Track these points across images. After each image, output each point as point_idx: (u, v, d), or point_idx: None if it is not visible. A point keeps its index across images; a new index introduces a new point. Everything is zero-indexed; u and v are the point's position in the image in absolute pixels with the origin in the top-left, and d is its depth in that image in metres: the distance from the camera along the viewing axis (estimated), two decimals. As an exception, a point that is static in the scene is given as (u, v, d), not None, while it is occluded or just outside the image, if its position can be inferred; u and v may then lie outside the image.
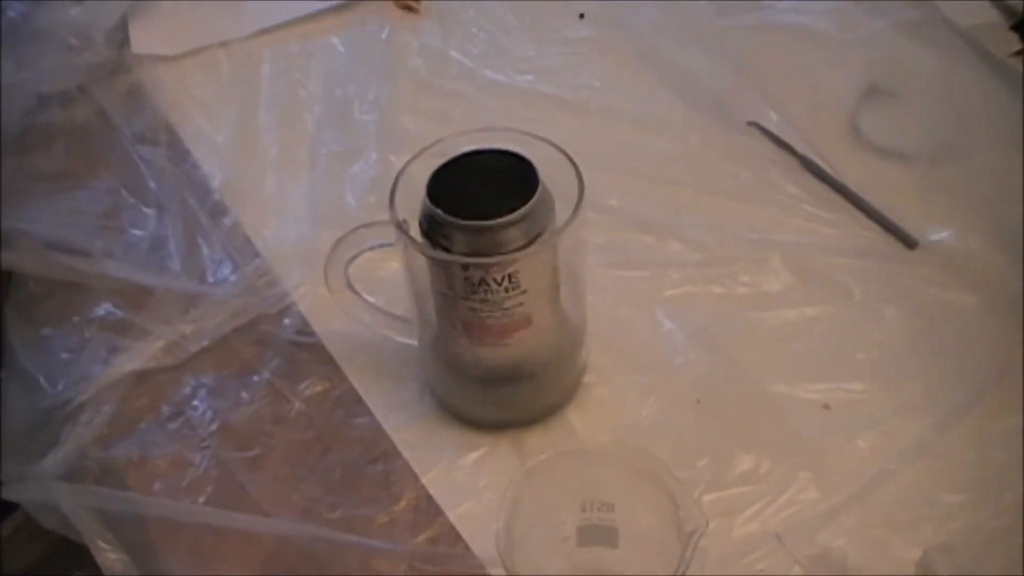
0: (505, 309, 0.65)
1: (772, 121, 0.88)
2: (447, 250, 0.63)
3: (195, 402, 0.75)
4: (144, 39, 0.99)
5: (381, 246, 0.67)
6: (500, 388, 0.71)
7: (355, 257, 0.69)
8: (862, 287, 0.78)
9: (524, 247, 0.62)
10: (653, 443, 0.69)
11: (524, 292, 0.64)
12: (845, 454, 0.69)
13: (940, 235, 0.80)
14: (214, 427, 0.74)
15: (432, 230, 0.63)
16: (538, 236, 0.63)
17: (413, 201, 0.65)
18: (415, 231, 0.65)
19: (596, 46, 0.96)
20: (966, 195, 0.82)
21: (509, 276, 0.63)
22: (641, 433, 0.71)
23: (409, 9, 1.00)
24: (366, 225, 0.68)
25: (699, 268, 0.79)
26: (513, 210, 0.62)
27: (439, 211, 0.62)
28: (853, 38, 0.92)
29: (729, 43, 0.93)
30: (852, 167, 0.85)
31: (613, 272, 0.79)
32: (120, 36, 0.99)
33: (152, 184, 0.88)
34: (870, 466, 0.68)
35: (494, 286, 0.63)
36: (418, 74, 0.95)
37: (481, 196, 0.63)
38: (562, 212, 0.64)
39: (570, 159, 0.64)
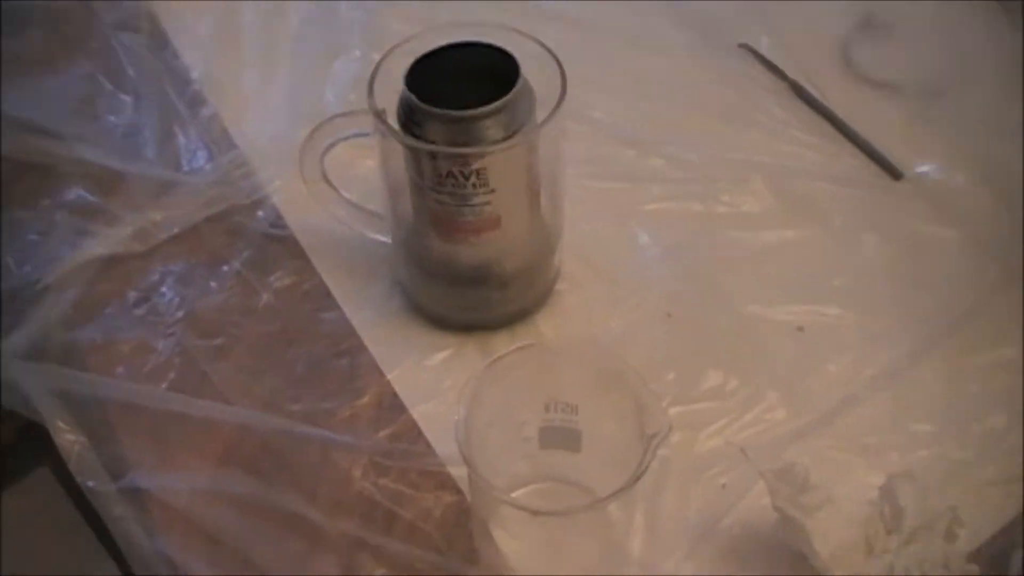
0: (472, 206, 0.64)
1: (764, 45, 0.87)
2: (419, 138, 0.62)
3: (162, 289, 0.74)
4: (129, -75, 0.96)
5: (357, 135, 0.66)
6: (469, 289, 0.70)
7: (331, 146, 0.68)
8: (843, 214, 0.77)
9: (494, 143, 0.61)
10: (621, 353, 0.67)
11: (492, 191, 0.63)
12: (815, 377, 0.69)
13: (926, 168, 0.80)
14: (180, 315, 0.73)
15: (408, 119, 0.62)
16: (515, 131, 0.61)
17: (392, 95, 0.64)
18: (393, 122, 0.63)
19: (592, -40, 0.95)
20: (955, 130, 0.81)
21: (477, 172, 0.62)
22: (610, 343, 0.70)
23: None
24: (343, 114, 0.67)
25: (679, 184, 0.78)
26: (488, 103, 0.60)
27: (414, 97, 0.61)
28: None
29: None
30: (842, 95, 0.84)
31: (592, 183, 0.78)
32: (104, -80, 0.97)
33: (130, 71, 0.86)
34: (839, 390, 0.68)
35: (461, 179, 0.62)
36: (406, -24, 0.93)
37: (460, 88, 0.62)
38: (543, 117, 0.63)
39: (553, 56, 0.64)
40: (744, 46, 0.87)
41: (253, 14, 0.90)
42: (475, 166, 0.61)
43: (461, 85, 0.62)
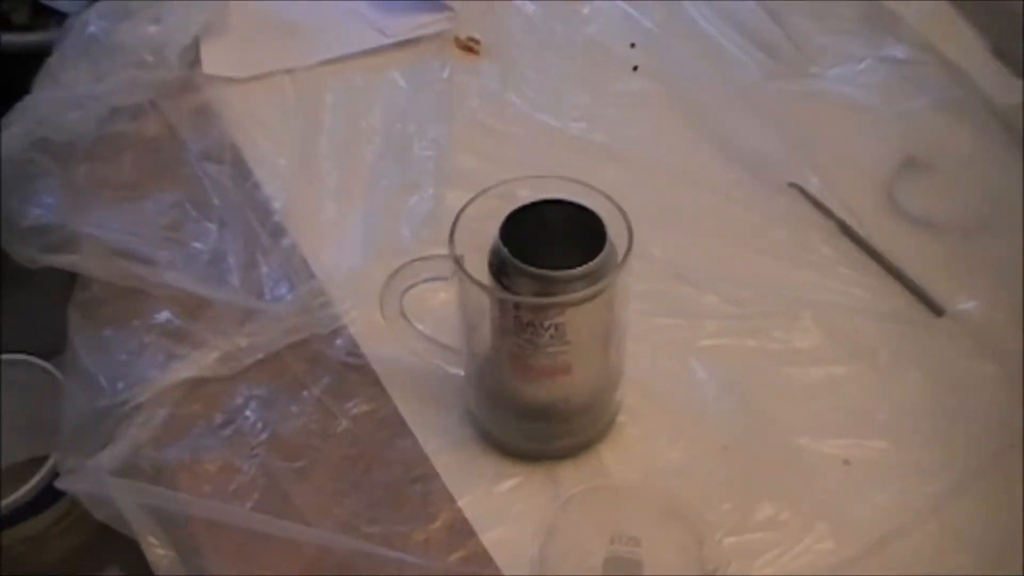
0: (548, 353, 0.69)
1: (812, 185, 0.92)
2: (506, 288, 0.67)
3: (247, 412, 0.79)
4: (214, 60, 1.04)
5: (435, 279, 0.72)
6: (537, 422, 0.75)
7: (410, 287, 0.73)
8: (889, 350, 0.82)
9: (573, 303, 0.66)
10: (680, 484, 0.73)
11: (568, 343, 0.68)
12: (862, 509, 0.73)
13: (967, 305, 0.84)
14: (263, 437, 0.78)
15: (499, 270, 0.68)
16: (596, 293, 0.67)
17: (466, 236, 0.69)
18: (469, 265, 0.69)
19: (647, 99, 1.01)
20: (996, 268, 0.86)
21: (555, 326, 0.67)
22: (669, 474, 0.75)
23: (469, 50, 1.05)
24: (423, 258, 0.72)
25: (734, 321, 0.83)
26: (575, 265, 0.66)
27: (507, 252, 0.67)
28: (895, 111, 0.97)
29: (776, 106, 0.98)
30: (887, 234, 0.89)
31: (651, 320, 0.83)
32: (192, 56, 1.04)
33: (215, 200, 0.92)
34: (885, 522, 0.72)
35: (540, 330, 0.67)
36: (475, 115, 0.99)
37: (550, 245, 0.67)
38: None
39: (622, 212, 0.69)
40: (793, 185, 0.92)
41: (329, 148, 0.96)
42: (555, 320, 0.66)
43: (546, 238, 0.68)
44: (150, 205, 0.93)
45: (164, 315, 0.85)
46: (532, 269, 0.66)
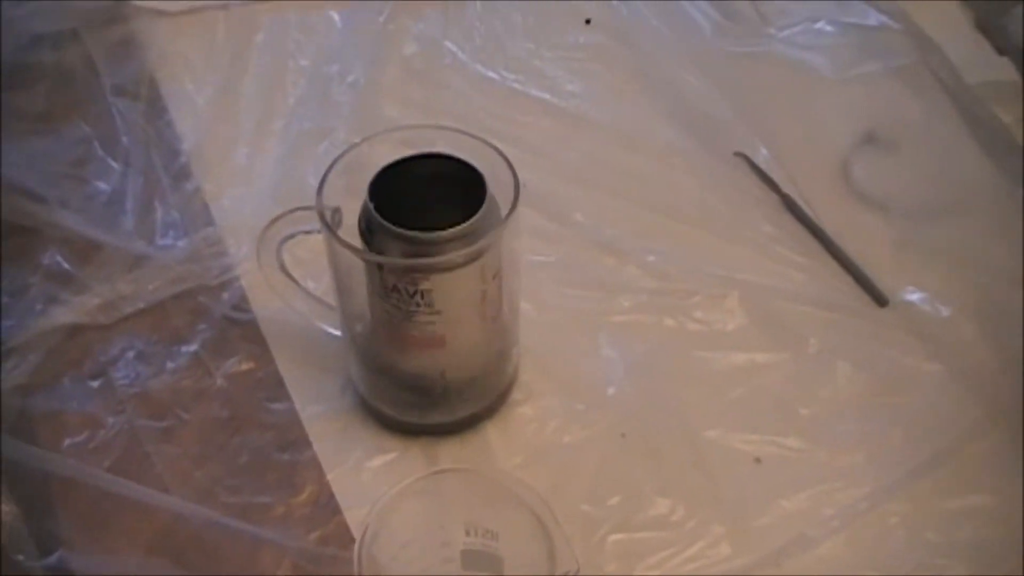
0: (417, 323, 0.62)
1: (760, 155, 0.84)
2: (375, 250, 0.60)
3: (120, 364, 0.73)
4: (146, -10, 0.96)
5: (308, 232, 0.65)
6: (414, 394, 0.68)
7: (288, 238, 0.67)
8: (820, 339, 0.74)
9: (437, 268, 0.59)
10: (568, 471, 0.67)
11: (437, 312, 0.61)
12: (767, 513, 0.66)
13: (913, 296, 0.76)
14: (133, 392, 0.72)
15: (366, 226, 0.61)
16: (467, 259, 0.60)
17: (362, 188, 0.62)
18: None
19: (596, 54, 0.93)
20: (947, 258, 0.78)
21: (421, 292, 0.60)
22: (558, 459, 0.68)
23: (415, -7, 0.97)
24: (304, 208, 0.65)
25: (653, 296, 0.76)
26: (450, 225, 0.59)
27: (371, 207, 0.60)
28: (851, 78, 0.87)
29: (727, 69, 0.89)
30: (835, 213, 0.81)
31: (562, 289, 0.76)
32: (123, -16, 0.97)
33: (124, 139, 0.86)
34: (790, 529, 0.65)
35: (405, 295, 0.60)
36: (409, 61, 0.92)
37: (429, 205, 0.61)
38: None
39: (508, 164, 0.61)
40: (740, 155, 0.84)
41: (252, 88, 0.89)
42: (420, 287, 0.60)
43: (423, 196, 0.61)
44: (57, 140, 0.87)
45: (52, 257, 0.78)
46: (396, 229, 0.59)
